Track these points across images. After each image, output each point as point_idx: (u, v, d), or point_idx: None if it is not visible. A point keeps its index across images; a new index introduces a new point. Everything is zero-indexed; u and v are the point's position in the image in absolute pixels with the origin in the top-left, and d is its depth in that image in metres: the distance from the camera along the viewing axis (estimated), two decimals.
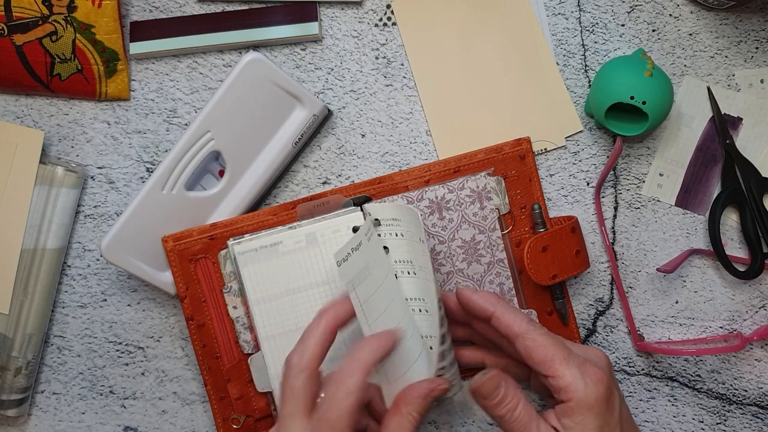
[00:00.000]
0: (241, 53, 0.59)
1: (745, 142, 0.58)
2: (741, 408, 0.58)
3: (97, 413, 0.60)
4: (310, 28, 0.58)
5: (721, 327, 0.58)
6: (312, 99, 0.56)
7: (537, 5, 0.58)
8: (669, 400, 0.59)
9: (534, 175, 0.56)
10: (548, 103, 0.58)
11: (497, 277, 0.56)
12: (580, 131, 0.58)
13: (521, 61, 0.58)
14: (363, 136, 0.59)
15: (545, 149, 0.58)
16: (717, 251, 0.57)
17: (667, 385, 0.59)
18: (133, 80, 0.60)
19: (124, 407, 0.60)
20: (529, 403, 0.47)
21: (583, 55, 0.59)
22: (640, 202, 0.59)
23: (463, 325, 0.54)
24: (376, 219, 0.51)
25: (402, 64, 0.59)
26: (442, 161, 0.56)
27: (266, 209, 0.56)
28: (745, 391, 0.58)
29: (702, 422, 0.59)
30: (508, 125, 0.58)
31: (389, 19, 0.59)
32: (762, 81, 0.58)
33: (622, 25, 0.58)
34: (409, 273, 0.50)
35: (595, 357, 0.49)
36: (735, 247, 0.58)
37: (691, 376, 0.59)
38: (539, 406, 0.58)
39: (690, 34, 0.58)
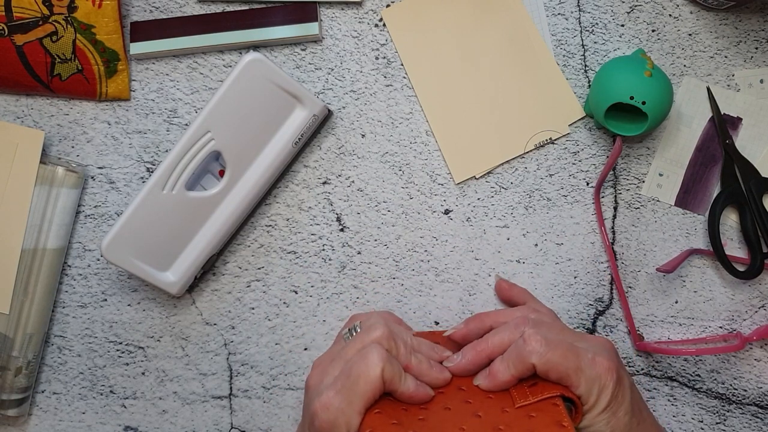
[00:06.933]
0: (241, 53, 0.59)
1: (744, 142, 0.58)
2: (740, 408, 0.58)
3: (98, 413, 0.60)
4: (310, 29, 0.58)
5: (720, 327, 0.58)
6: (312, 99, 0.56)
7: (536, 5, 0.58)
8: (668, 400, 0.59)
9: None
10: (547, 94, 0.58)
11: None
12: (583, 117, 0.58)
13: (517, 57, 0.58)
14: (363, 136, 0.59)
15: (550, 139, 0.58)
16: (717, 251, 0.57)
17: (666, 385, 0.59)
18: (134, 80, 0.60)
19: (125, 407, 0.60)
20: None
21: (583, 55, 0.59)
22: (639, 202, 0.59)
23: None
24: None
25: (402, 65, 0.59)
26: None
27: None
28: (745, 390, 0.58)
29: (702, 422, 0.59)
30: (510, 120, 0.58)
31: None
32: (762, 81, 0.58)
33: (622, 26, 0.59)
34: None
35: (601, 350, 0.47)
36: (735, 247, 0.58)
37: (691, 375, 0.59)
38: None
39: (690, 35, 0.58)
